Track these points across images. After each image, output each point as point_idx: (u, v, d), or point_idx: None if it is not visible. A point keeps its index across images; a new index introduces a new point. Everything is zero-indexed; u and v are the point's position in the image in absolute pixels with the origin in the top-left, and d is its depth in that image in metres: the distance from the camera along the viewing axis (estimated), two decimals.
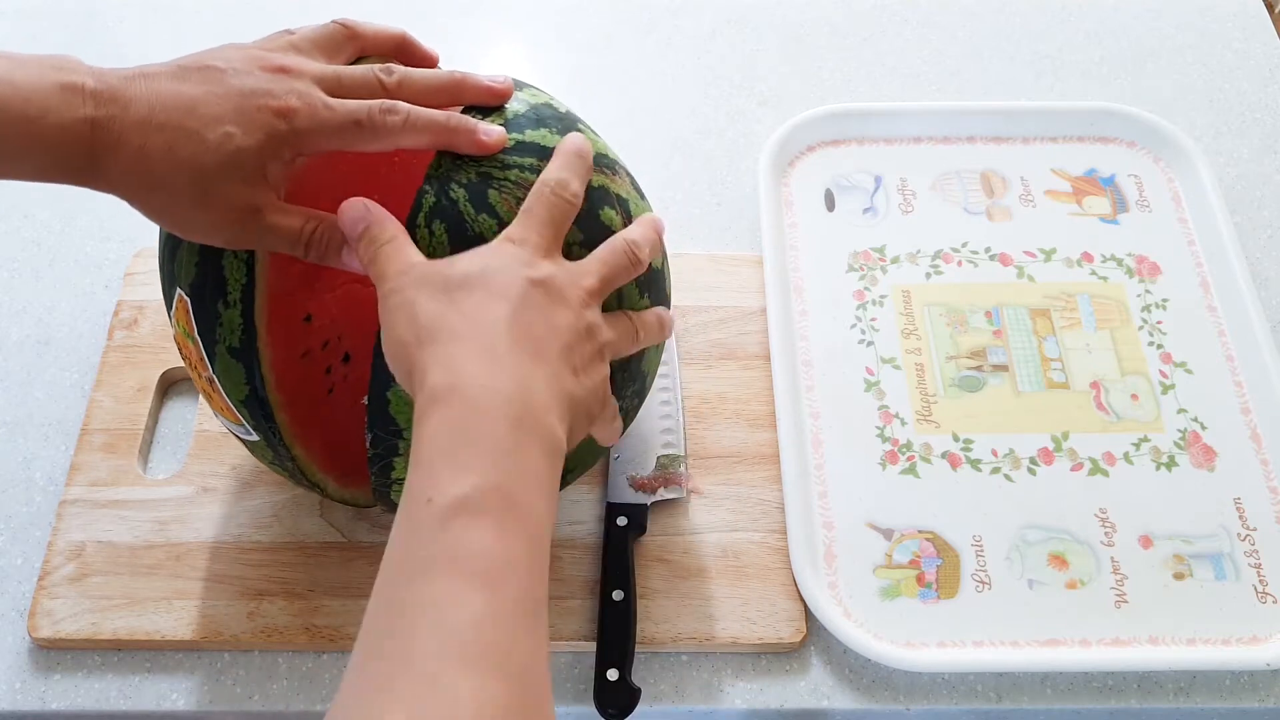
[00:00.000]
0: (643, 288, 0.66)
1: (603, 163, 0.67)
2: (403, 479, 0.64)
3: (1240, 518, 0.80)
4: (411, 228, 0.61)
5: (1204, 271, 0.92)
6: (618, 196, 0.67)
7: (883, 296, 0.90)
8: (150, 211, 0.59)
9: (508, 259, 0.57)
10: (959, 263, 0.92)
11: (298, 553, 0.77)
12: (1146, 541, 0.79)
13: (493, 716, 0.42)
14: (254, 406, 0.66)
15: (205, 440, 0.81)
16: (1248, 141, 1.03)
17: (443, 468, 0.47)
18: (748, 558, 0.77)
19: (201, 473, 0.80)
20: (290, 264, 0.63)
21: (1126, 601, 0.77)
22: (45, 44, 1.09)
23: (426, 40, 0.68)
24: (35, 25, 1.10)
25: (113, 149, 0.56)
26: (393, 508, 0.66)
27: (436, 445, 0.48)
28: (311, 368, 0.69)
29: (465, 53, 1.07)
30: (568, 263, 0.60)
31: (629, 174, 0.70)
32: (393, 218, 0.59)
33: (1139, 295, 0.91)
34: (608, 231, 0.64)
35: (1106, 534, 0.79)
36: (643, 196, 0.71)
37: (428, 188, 0.62)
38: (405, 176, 0.68)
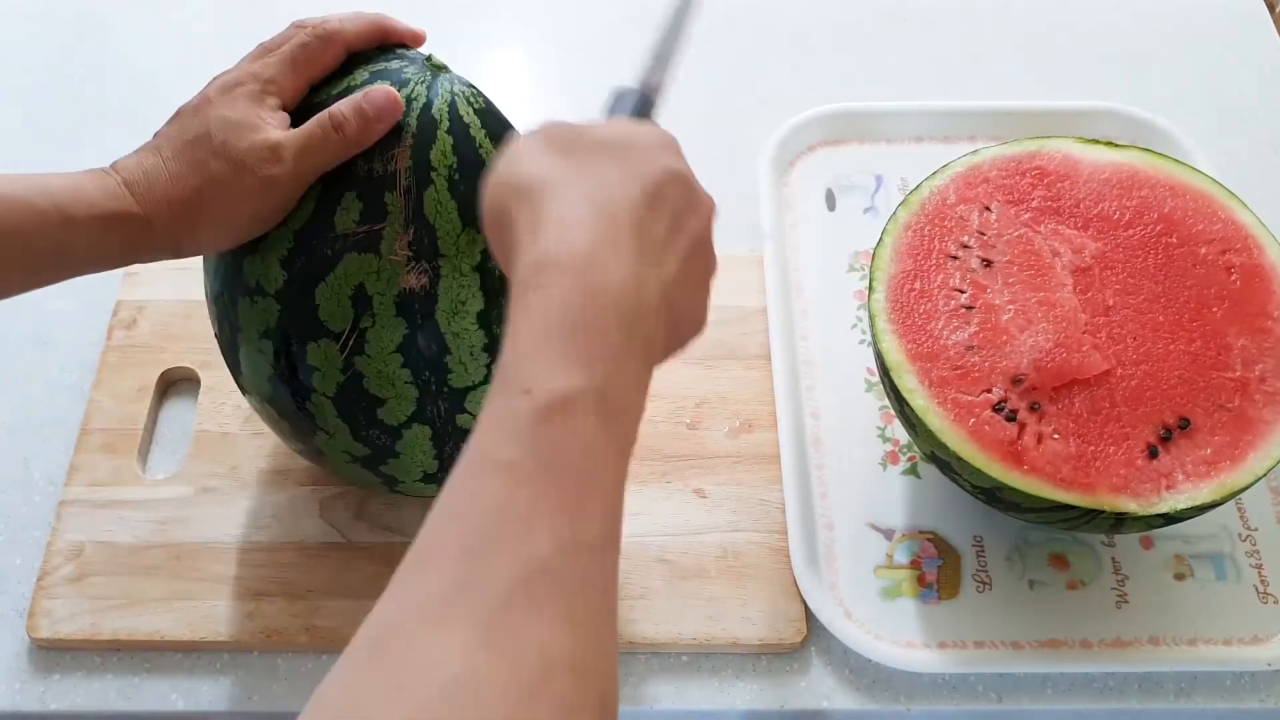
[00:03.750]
0: None
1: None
2: None
3: (1241, 518, 0.80)
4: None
5: None
6: None
7: None
8: (211, 233, 0.64)
9: (654, 140, 0.50)
10: None
11: (297, 553, 0.77)
12: (1147, 542, 0.79)
13: (555, 670, 0.37)
14: None
15: (205, 440, 0.81)
16: (1248, 141, 1.03)
17: (547, 355, 0.41)
18: (748, 558, 0.77)
19: (201, 473, 0.80)
20: None
21: (1127, 602, 0.77)
22: (45, 44, 1.09)
23: (427, 41, 0.68)
24: (35, 25, 1.10)
25: (153, 201, 0.62)
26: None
27: (548, 324, 0.42)
28: None
29: (464, 53, 1.07)
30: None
31: None
32: None
33: None
34: None
35: (1107, 534, 0.79)
36: None
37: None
38: None
